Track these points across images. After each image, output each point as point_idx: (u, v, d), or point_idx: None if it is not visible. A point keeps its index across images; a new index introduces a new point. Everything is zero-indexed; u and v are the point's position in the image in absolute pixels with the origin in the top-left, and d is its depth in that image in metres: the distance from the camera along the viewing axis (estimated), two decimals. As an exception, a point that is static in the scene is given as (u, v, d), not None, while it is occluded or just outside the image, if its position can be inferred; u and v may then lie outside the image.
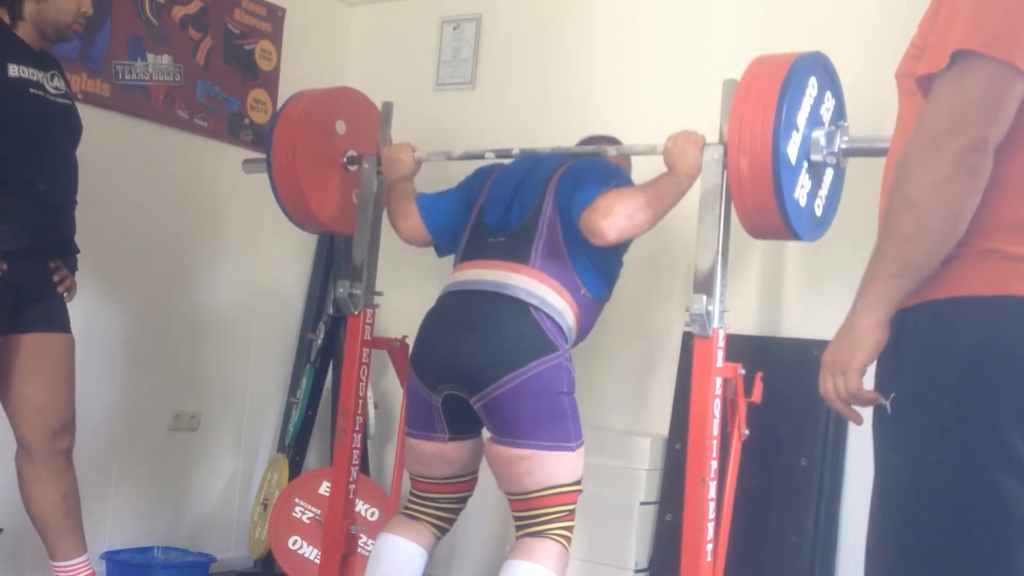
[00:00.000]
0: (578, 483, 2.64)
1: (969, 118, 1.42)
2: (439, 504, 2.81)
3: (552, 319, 2.64)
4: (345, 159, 3.19)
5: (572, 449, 2.61)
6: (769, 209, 2.47)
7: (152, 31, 3.75)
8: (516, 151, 2.88)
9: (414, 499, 2.83)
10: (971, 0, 1.44)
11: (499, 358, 2.58)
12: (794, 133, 2.48)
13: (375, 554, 2.78)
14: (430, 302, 2.91)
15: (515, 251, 2.70)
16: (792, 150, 2.47)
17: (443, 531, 2.84)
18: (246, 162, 3.51)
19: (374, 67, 4.36)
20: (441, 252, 2.99)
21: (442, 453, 2.73)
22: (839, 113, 2.68)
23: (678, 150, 2.62)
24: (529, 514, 2.61)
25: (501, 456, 2.61)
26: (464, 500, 2.85)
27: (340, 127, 3.17)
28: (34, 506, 2.81)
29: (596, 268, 2.72)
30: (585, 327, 2.77)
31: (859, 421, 1.59)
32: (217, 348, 4.06)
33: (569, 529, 2.62)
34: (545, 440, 2.57)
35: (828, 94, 2.62)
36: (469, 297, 2.70)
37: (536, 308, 2.62)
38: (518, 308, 2.62)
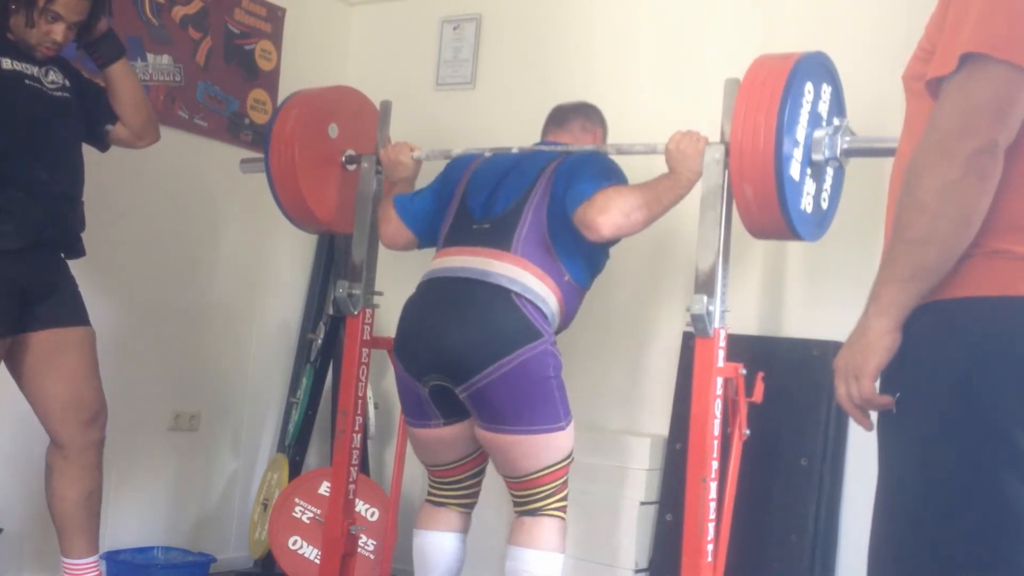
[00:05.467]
0: (570, 456, 2.72)
1: (978, 121, 1.42)
2: (458, 485, 2.89)
3: (535, 304, 2.64)
4: (344, 158, 3.19)
5: (563, 428, 2.67)
6: (771, 209, 2.46)
7: (152, 31, 3.75)
8: (515, 150, 2.88)
9: (434, 485, 2.92)
10: (979, 2, 1.44)
11: (483, 348, 2.59)
12: (796, 133, 2.47)
13: (416, 552, 2.89)
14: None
15: (497, 238, 2.70)
16: (794, 150, 2.47)
17: (470, 507, 2.93)
18: (244, 161, 3.50)
19: (374, 67, 4.36)
20: (422, 246, 3.03)
21: (440, 438, 2.78)
22: (841, 113, 2.68)
23: (680, 154, 2.62)
24: (525, 493, 2.69)
25: (494, 442, 2.67)
26: (480, 474, 2.92)
27: (332, 130, 3.16)
28: (57, 502, 2.82)
29: (582, 255, 2.73)
30: (569, 314, 2.78)
31: (870, 427, 1.59)
32: (217, 348, 4.06)
33: (564, 499, 2.72)
34: (536, 424, 2.62)
35: (830, 94, 2.62)
36: (450, 284, 2.71)
37: (518, 295, 2.63)
38: (500, 295, 2.63)
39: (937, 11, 1.55)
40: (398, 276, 3.76)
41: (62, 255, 2.83)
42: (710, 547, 2.50)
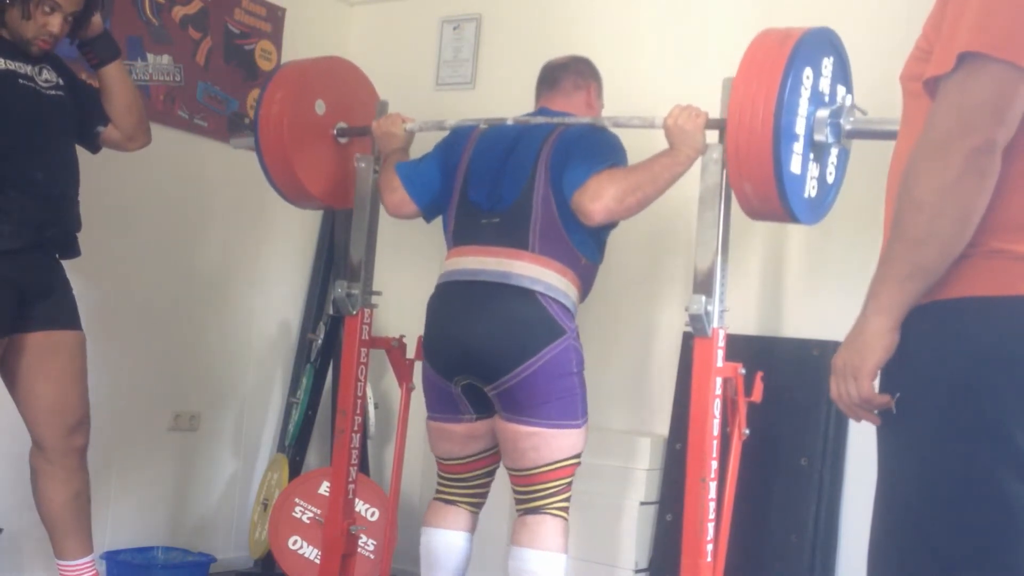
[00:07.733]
0: (578, 456, 2.73)
1: (977, 120, 1.41)
2: (470, 483, 2.90)
3: (558, 301, 2.67)
4: (335, 131, 3.14)
5: (578, 427, 2.70)
6: (767, 188, 2.41)
7: (152, 31, 3.75)
8: (510, 121, 2.82)
9: (445, 482, 2.92)
10: (977, 1, 1.43)
11: (510, 350, 2.63)
12: (797, 111, 2.41)
13: (423, 550, 2.89)
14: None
15: (512, 235, 2.71)
16: (795, 128, 2.41)
17: (478, 507, 2.94)
18: (233, 137, 3.44)
19: (374, 67, 4.33)
20: (429, 220, 3.00)
21: (473, 431, 2.82)
22: (847, 85, 2.61)
23: (678, 129, 2.61)
24: (529, 489, 2.71)
25: (509, 431, 2.69)
26: (491, 475, 2.93)
27: (320, 107, 3.10)
28: (45, 504, 2.81)
29: (589, 234, 2.73)
30: (586, 292, 2.82)
31: (877, 421, 1.58)
32: (217, 348, 4.06)
33: (567, 500, 2.72)
34: (554, 419, 2.66)
35: (836, 72, 2.56)
36: (473, 288, 2.72)
37: (542, 294, 2.66)
38: (524, 296, 2.66)
39: (935, 11, 1.54)
40: (397, 276, 3.78)
41: (57, 256, 2.83)
42: (710, 547, 2.49)
